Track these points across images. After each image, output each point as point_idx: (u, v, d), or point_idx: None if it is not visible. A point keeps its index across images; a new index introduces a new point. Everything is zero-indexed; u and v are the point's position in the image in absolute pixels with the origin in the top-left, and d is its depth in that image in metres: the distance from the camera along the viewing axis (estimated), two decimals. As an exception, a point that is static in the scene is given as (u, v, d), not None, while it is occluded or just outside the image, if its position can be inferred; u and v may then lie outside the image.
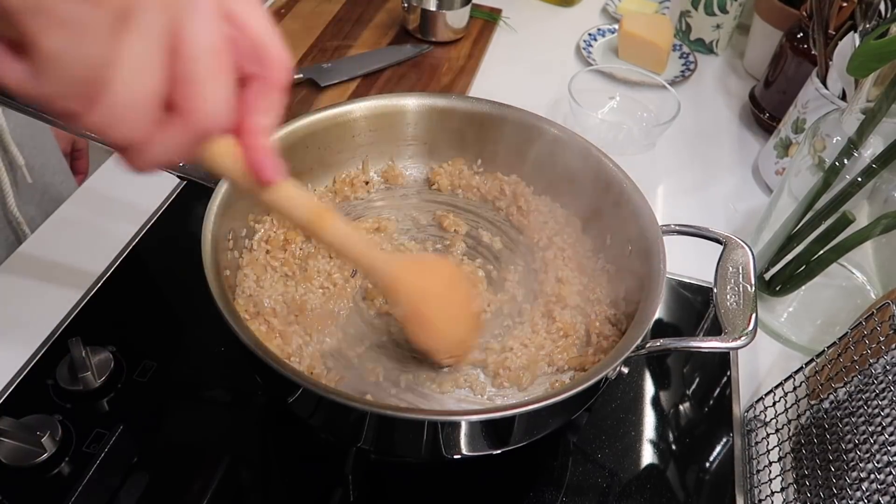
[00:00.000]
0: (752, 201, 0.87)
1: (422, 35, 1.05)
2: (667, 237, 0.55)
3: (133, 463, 0.54)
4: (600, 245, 0.64)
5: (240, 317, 0.49)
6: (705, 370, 0.67)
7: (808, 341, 0.69)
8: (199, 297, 0.47)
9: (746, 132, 0.99)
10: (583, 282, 0.61)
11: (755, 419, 0.62)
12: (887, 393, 0.47)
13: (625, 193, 0.59)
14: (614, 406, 0.63)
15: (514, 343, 0.57)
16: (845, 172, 0.61)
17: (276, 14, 1.08)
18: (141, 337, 0.64)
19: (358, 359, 0.55)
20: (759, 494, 0.57)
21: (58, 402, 0.58)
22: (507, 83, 1.02)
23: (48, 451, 0.53)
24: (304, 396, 0.47)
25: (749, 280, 0.52)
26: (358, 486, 0.54)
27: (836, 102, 0.77)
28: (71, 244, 0.72)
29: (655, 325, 0.70)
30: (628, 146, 0.91)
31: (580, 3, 1.23)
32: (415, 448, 0.50)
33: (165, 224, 0.75)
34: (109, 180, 0.80)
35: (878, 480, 0.45)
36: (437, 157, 0.70)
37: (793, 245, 0.67)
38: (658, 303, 0.50)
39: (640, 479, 0.58)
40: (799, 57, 0.89)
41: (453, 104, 0.67)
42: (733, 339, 0.48)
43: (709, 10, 1.07)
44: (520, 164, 0.68)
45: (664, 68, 1.05)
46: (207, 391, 0.60)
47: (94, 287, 0.67)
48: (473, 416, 0.46)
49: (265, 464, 0.56)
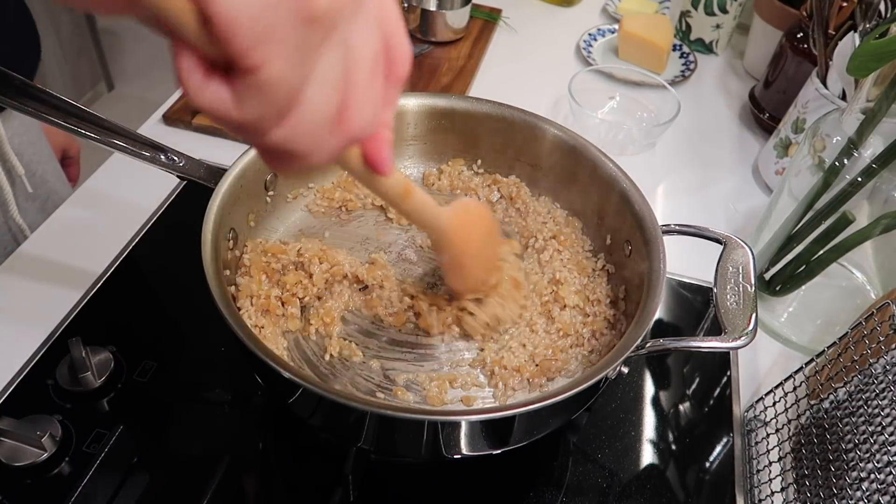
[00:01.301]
0: (752, 201, 0.87)
1: (422, 35, 1.05)
2: (667, 237, 0.55)
3: (133, 463, 0.54)
4: (600, 245, 0.64)
5: (240, 317, 0.49)
6: (705, 370, 0.67)
7: (808, 341, 0.69)
8: (199, 297, 0.47)
9: (746, 132, 0.99)
10: (582, 282, 0.61)
11: (755, 419, 0.62)
12: (887, 393, 0.47)
13: (625, 193, 0.59)
14: (614, 406, 0.63)
15: (514, 343, 0.57)
16: (845, 172, 0.61)
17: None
18: (141, 337, 0.64)
19: (358, 358, 0.55)
20: (759, 494, 0.57)
21: (58, 402, 0.58)
22: (507, 83, 1.02)
23: (48, 451, 0.53)
24: (304, 396, 0.47)
25: (749, 280, 0.52)
26: (358, 486, 0.54)
27: (836, 102, 0.77)
28: (71, 244, 0.72)
29: (655, 325, 0.70)
30: (628, 146, 0.91)
31: (580, 3, 1.23)
32: (415, 448, 0.50)
33: (165, 224, 0.75)
34: (109, 180, 0.80)
35: (878, 480, 0.45)
36: (437, 158, 0.70)
37: (793, 245, 0.67)
38: (658, 303, 0.50)
39: (640, 479, 0.58)
40: (799, 57, 0.89)
41: (453, 104, 0.67)
42: (733, 339, 0.48)
43: (709, 10, 1.07)
44: (520, 164, 0.68)
45: (664, 68, 1.05)
46: (207, 391, 0.60)
47: (94, 287, 0.67)
48: (473, 416, 0.46)
49: (265, 464, 0.56)
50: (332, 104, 0.26)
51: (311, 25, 0.23)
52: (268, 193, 0.63)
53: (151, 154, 0.56)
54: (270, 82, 0.23)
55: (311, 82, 0.25)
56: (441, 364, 0.56)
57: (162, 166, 0.56)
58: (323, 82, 0.25)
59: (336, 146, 0.28)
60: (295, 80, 0.24)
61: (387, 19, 0.28)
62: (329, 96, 0.25)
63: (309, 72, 0.24)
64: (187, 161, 0.57)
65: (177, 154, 0.57)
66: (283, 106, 0.24)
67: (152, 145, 0.56)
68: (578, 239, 0.65)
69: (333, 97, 0.26)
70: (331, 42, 0.24)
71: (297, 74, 0.24)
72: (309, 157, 0.28)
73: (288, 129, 0.25)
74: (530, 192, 0.68)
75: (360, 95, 0.27)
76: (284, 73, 0.23)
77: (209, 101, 0.23)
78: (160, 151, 0.56)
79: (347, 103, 0.27)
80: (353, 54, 0.26)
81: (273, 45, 0.22)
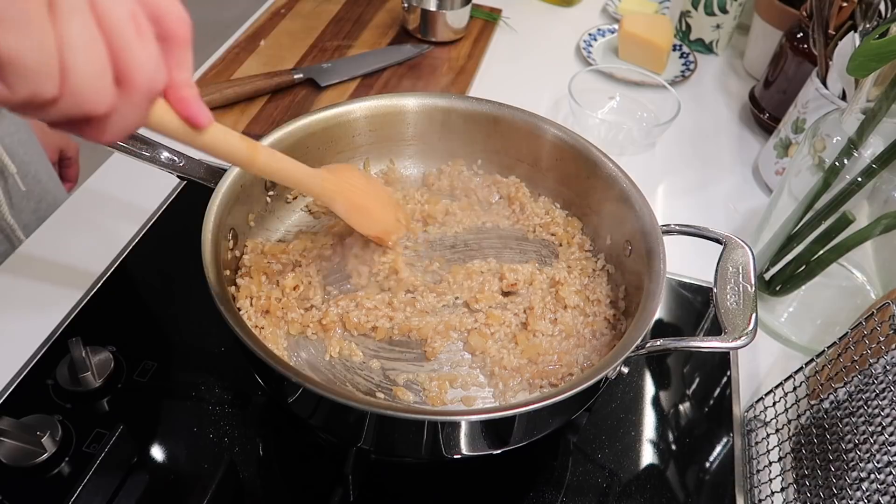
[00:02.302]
0: (752, 201, 0.87)
1: (422, 35, 1.05)
2: (667, 237, 0.55)
3: (133, 463, 0.54)
4: (600, 245, 0.64)
5: (240, 317, 0.49)
6: (705, 370, 0.67)
7: (808, 341, 0.69)
8: (199, 297, 0.47)
9: (746, 132, 0.99)
10: (582, 282, 0.61)
11: (755, 419, 0.62)
12: (887, 393, 0.47)
13: (625, 193, 0.59)
14: (614, 406, 0.63)
15: (513, 343, 0.57)
16: (845, 172, 0.61)
17: (275, 14, 1.08)
18: (141, 337, 0.64)
19: (358, 358, 0.56)
20: (759, 494, 0.57)
21: (58, 402, 0.58)
22: (507, 83, 1.02)
23: (48, 451, 0.53)
24: (304, 396, 0.47)
25: (749, 280, 0.52)
26: (358, 486, 0.54)
27: (836, 102, 0.77)
28: (71, 244, 0.72)
29: (655, 325, 0.70)
30: (628, 146, 0.91)
31: (580, 3, 1.23)
32: (415, 448, 0.50)
33: (165, 224, 0.75)
34: (109, 180, 0.80)
35: (878, 480, 0.45)
36: (437, 158, 0.70)
37: (793, 245, 0.67)
38: (658, 303, 0.50)
39: (640, 479, 0.58)
40: (799, 57, 0.89)
41: (453, 104, 0.67)
42: (733, 339, 0.48)
43: (709, 10, 1.07)
44: (519, 164, 0.68)
45: (664, 68, 1.05)
46: (207, 391, 0.60)
47: (94, 287, 0.67)
48: (473, 416, 0.46)
49: (265, 464, 0.56)
50: (97, 63, 0.29)
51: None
52: (268, 193, 0.63)
53: (151, 154, 0.56)
54: (12, 59, 0.26)
55: (65, 48, 0.27)
56: (441, 364, 0.56)
57: (162, 166, 0.56)
58: (77, 46, 0.28)
59: (137, 104, 0.31)
60: (39, 50, 0.27)
61: None
62: (90, 55, 0.28)
63: (57, 39, 0.27)
64: (187, 161, 0.57)
65: (176, 154, 0.57)
66: (46, 74, 0.27)
67: (152, 145, 0.56)
68: (579, 239, 0.65)
69: (96, 56, 0.29)
70: (69, 8, 0.27)
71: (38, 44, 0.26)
72: (117, 121, 0.31)
73: (67, 95, 0.28)
74: (530, 192, 0.68)
75: (131, 51, 0.30)
76: (20, 46, 0.26)
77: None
78: (160, 151, 0.56)
79: (120, 60, 0.30)
80: (103, 16, 0.29)
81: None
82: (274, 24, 1.06)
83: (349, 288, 0.60)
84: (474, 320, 0.58)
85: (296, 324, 0.56)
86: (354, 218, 0.57)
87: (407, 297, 0.59)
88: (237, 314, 0.47)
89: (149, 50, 0.31)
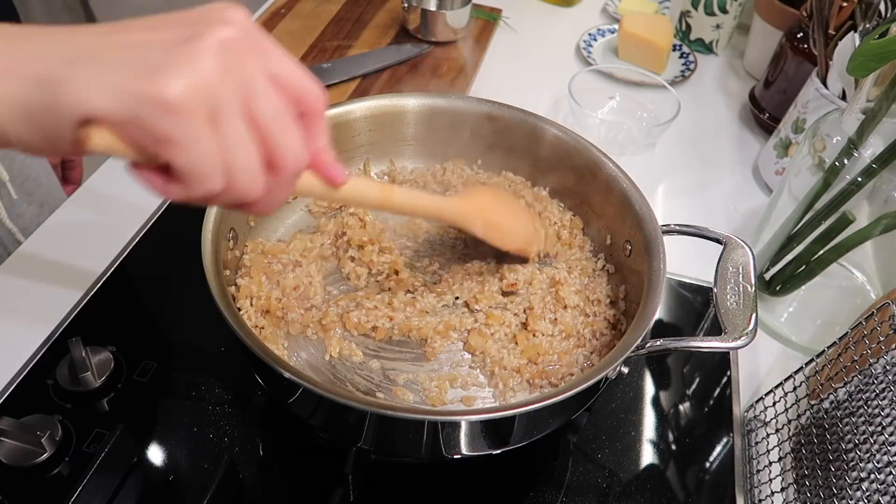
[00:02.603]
0: (752, 201, 0.87)
1: (422, 35, 1.05)
2: (667, 237, 0.55)
3: (133, 463, 0.54)
4: (600, 245, 0.64)
5: (240, 317, 0.49)
6: (705, 370, 0.67)
7: (808, 341, 0.69)
8: (199, 298, 0.47)
9: (746, 132, 0.99)
10: (583, 282, 0.61)
11: (755, 419, 0.62)
12: (887, 393, 0.47)
13: (625, 193, 0.59)
14: (614, 406, 0.63)
15: (513, 343, 0.57)
16: (845, 172, 0.61)
17: (275, 14, 1.08)
18: (141, 337, 0.64)
19: (358, 358, 0.56)
20: (759, 494, 0.57)
21: (58, 402, 0.58)
22: (507, 83, 1.02)
23: (48, 451, 0.53)
24: (304, 396, 0.47)
25: (749, 280, 0.52)
26: (358, 486, 0.54)
27: (836, 102, 0.77)
28: (71, 244, 0.72)
29: (655, 325, 0.70)
30: (628, 146, 0.91)
31: (580, 3, 1.23)
32: (415, 448, 0.50)
33: (165, 224, 0.75)
34: (109, 181, 0.80)
35: (878, 480, 0.45)
36: (437, 157, 0.70)
37: (793, 245, 0.67)
38: (658, 303, 0.50)
39: (640, 479, 0.58)
40: (799, 57, 0.89)
41: (453, 104, 0.67)
42: (733, 339, 0.48)
43: (709, 10, 1.07)
44: (520, 164, 0.68)
45: (664, 68, 1.05)
46: (207, 391, 0.60)
47: (94, 287, 0.67)
48: (473, 416, 0.46)
49: (265, 464, 0.56)
50: (252, 160, 0.33)
51: (178, 113, 0.29)
52: (268, 193, 0.62)
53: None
54: (190, 169, 0.30)
55: (226, 152, 0.31)
56: (441, 364, 0.56)
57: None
58: (236, 148, 0.31)
59: (286, 183, 0.35)
60: (210, 157, 0.31)
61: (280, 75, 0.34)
62: (247, 154, 0.32)
63: (222, 147, 0.31)
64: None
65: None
66: (214, 178, 0.31)
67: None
68: (578, 239, 0.65)
69: (251, 154, 0.32)
70: (228, 119, 0.31)
71: (208, 153, 0.30)
72: (270, 200, 0.35)
73: (234, 188, 0.32)
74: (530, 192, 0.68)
75: (278, 141, 0.33)
76: (193, 161, 0.30)
77: (168, 194, 0.32)
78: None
79: (272, 149, 0.33)
80: (255, 117, 0.32)
81: (171, 146, 0.29)
82: (274, 25, 1.06)
83: (349, 288, 0.60)
84: (474, 320, 0.58)
85: (296, 324, 0.56)
86: (494, 236, 0.57)
87: (407, 297, 0.59)
88: (237, 314, 0.47)
89: (294, 136, 0.34)
